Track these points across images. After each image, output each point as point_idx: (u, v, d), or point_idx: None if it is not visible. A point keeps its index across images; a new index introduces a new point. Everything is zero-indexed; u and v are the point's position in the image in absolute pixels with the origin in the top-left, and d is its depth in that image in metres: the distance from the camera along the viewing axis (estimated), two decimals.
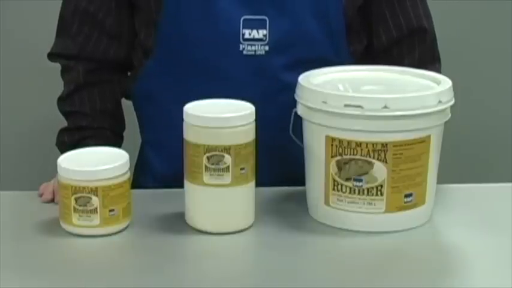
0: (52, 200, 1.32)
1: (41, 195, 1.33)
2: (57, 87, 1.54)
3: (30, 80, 2.11)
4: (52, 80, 1.56)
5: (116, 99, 1.54)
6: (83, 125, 1.50)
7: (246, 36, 1.38)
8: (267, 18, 1.38)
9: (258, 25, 1.38)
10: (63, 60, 1.52)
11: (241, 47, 1.38)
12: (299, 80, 1.26)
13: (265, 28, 1.38)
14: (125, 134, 1.56)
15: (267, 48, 1.39)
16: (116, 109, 1.54)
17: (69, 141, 1.50)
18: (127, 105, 1.55)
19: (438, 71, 1.45)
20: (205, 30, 1.38)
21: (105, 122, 1.51)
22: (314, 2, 1.39)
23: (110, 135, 1.51)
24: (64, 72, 1.53)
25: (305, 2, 1.39)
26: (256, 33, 1.38)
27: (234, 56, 1.38)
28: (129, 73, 1.54)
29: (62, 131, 1.52)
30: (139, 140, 1.54)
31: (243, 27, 1.38)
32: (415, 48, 1.49)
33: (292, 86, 1.26)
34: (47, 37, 1.55)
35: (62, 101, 1.53)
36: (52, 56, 1.54)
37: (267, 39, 1.38)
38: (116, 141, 1.51)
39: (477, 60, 2.22)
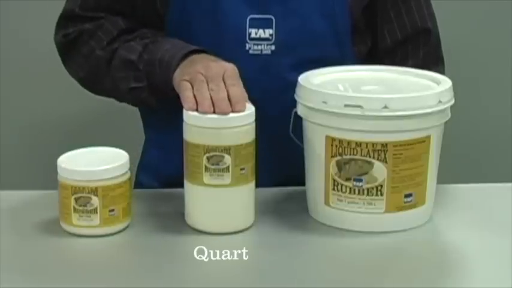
0: (196, 109, 1.19)
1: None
2: (58, 86, 1.53)
3: (30, 80, 2.11)
4: (53, 80, 1.56)
5: None
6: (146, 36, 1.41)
7: (252, 35, 1.38)
8: (273, 18, 1.37)
9: (264, 24, 1.37)
10: (84, 24, 1.41)
11: (247, 46, 1.38)
12: (299, 80, 1.26)
13: (271, 28, 1.38)
14: (126, 133, 1.56)
15: (273, 47, 1.38)
16: None
17: (140, 44, 1.39)
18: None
19: (441, 72, 1.45)
20: (211, 29, 1.38)
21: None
22: (320, 1, 1.39)
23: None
24: (89, 38, 1.42)
25: (311, 1, 1.38)
26: (262, 33, 1.38)
27: (240, 55, 1.37)
28: None
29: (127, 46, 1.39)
30: (141, 139, 1.53)
31: (250, 27, 1.37)
32: (419, 49, 1.48)
33: (296, 86, 1.26)
34: (47, 37, 1.54)
35: (101, 50, 1.41)
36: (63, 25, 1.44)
37: (273, 39, 1.38)
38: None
39: (477, 60, 2.22)
